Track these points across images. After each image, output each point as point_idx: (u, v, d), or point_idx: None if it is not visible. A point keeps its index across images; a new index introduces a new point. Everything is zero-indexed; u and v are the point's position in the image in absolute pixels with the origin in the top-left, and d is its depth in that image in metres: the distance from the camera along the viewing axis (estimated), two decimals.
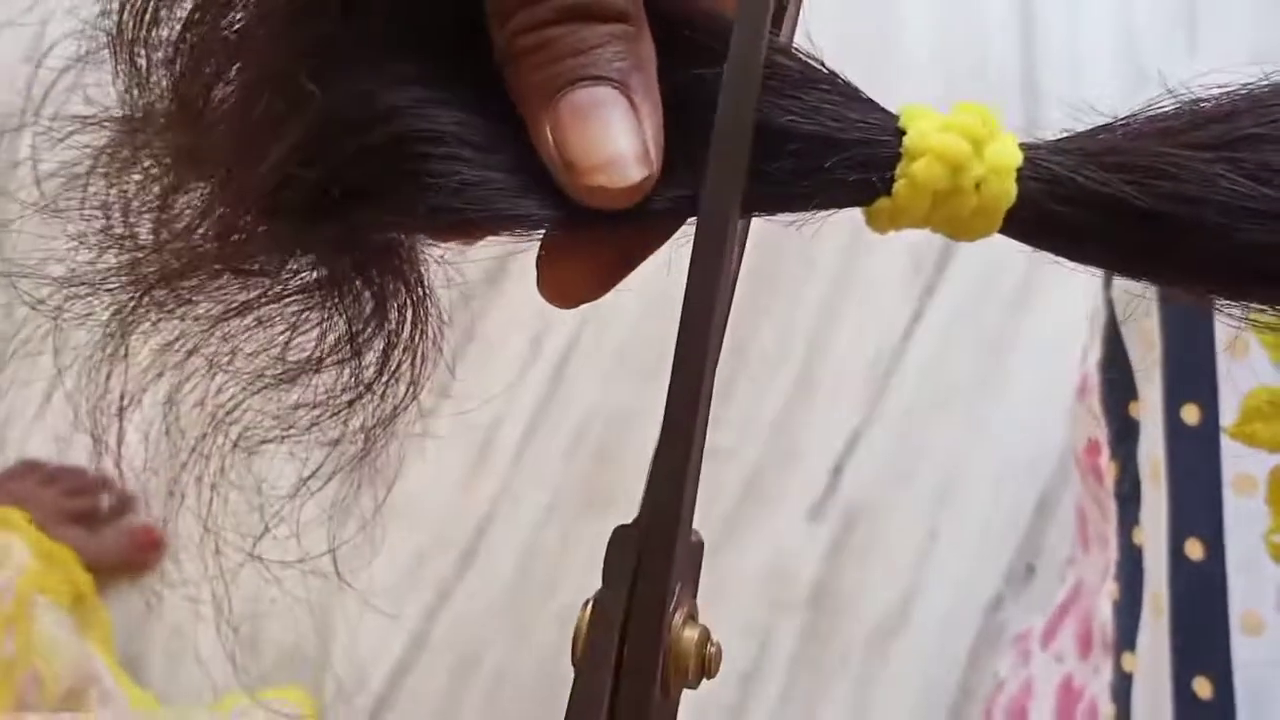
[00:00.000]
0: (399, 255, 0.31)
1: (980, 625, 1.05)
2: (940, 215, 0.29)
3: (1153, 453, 0.60)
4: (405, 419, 0.33)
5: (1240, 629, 0.54)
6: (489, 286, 1.11)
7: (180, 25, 0.29)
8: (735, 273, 0.30)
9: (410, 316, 0.32)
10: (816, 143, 0.28)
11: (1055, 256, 0.29)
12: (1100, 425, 0.67)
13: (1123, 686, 0.61)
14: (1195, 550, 0.56)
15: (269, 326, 0.31)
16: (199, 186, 0.30)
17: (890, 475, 1.09)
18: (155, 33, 0.29)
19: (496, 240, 0.29)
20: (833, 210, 0.29)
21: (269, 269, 0.30)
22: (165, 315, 0.31)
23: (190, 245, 0.30)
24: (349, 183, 0.27)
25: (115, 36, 0.30)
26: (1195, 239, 0.28)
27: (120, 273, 0.31)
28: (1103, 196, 0.28)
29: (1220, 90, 0.29)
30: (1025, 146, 0.29)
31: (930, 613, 1.06)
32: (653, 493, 0.26)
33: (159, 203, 0.30)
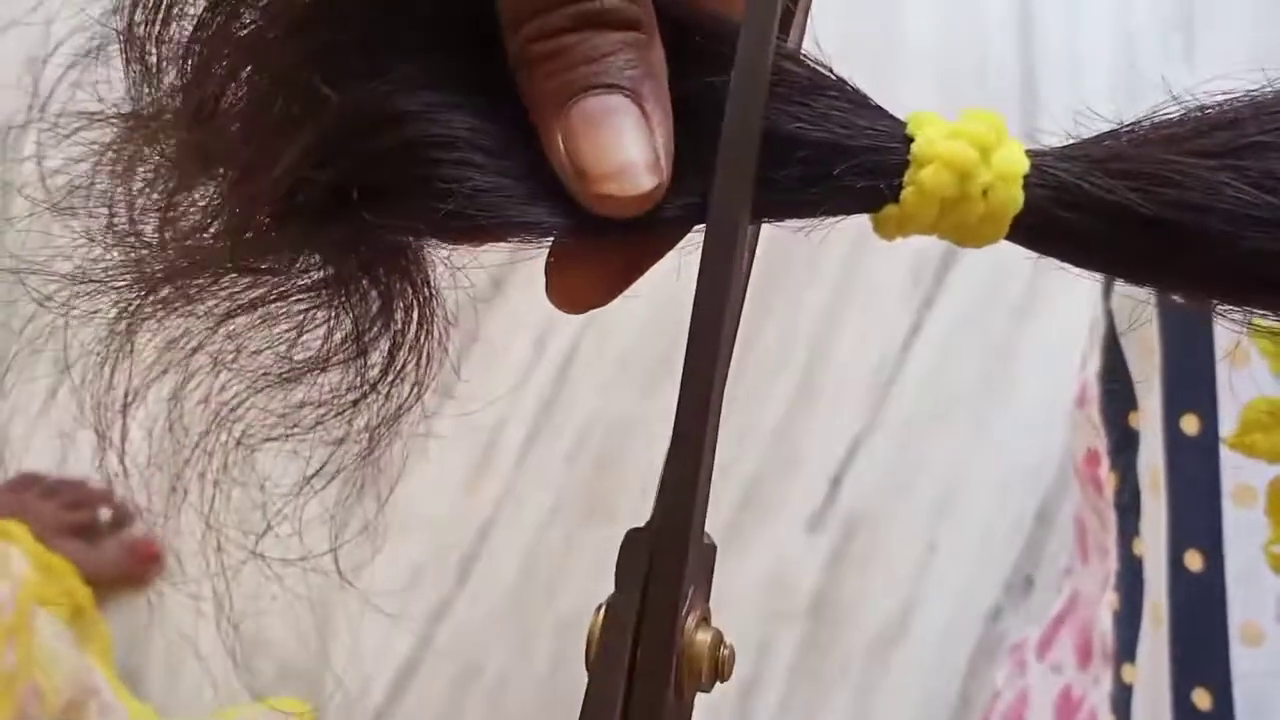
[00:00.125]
0: (406, 255, 0.31)
1: (980, 635, 1.05)
2: (948, 222, 0.29)
3: (1152, 463, 0.60)
4: (409, 419, 0.33)
5: (1240, 640, 0.54)
6: (493, 289, 1.11)
7: (193, 25, 0.29)
8: (745, 279, 0.30)
9: (416, 317, 0.32)
10: (824, 149, 0.28)
11: (1060, 262, 0.30)
12: (1100, 435, 0.67)
13: (1122, 697, 0.61)
14: (1195, 561, 0.56)
15: (274, 324, 0.31)
16: (208, 185, 0.30)
17: (890, 485, 1.09)
18: (167, 31, 0.29)
19: (503, 244, 0.29)
20: (841, 217, 0.29)
21: (276, 268, 0.30)
22: (171, 312, 0.31)
23: (199, 243, 0.30)
24: (361, 186, 0.27)
25: (126, 34, 0.30)
26: (1200, 246, 0.28)
27: (127, 270, 0.31)
28: (1108, 203, 0.28)
29: (1224, 97, 0.29)
30: (1032, 153, 0.29)
31: (930, 623, 1.06)
32: (665, 496, 0.26)
33: (166, 200, 0.30)
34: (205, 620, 0.37)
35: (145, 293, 0.30)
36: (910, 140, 0.28)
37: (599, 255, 0.29)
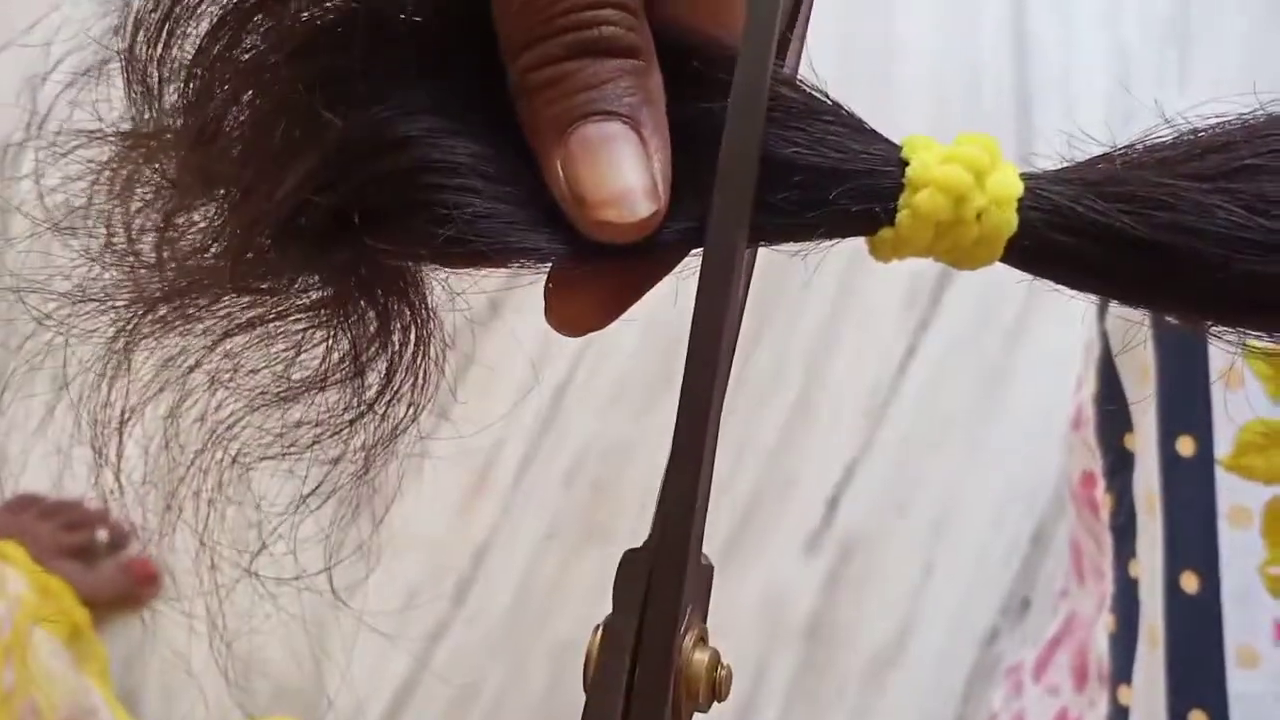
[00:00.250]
0: (405, 277, 0.31)
1: (976, 658, 1.05)
2: (942, 245, 0.29)
3: (1148, 485, 0.60)
4: (406, 440, 0.33)
5: (1236, 662, 0.54)
6: (490, 312, 1.12)
7: (195, 48, 0.29)
8: (742, 302, 0.30)
9: (414, 338, 0.32)
10: (820, 174, 0.28)
11: (1055, 285, 0.30)
12: (1095, 457, 0.67)
13: None
14: (1191, 583, 0.56)
15: (272, 343, 0.31)
16: (208, 205, 0.30)
17: (886, 507, 1.09)
18: (169, 53, 0.29)
19: (503, 270, 0.29)
20: (837, 240, 0.30)
21: (275, 288, 0.30)
22: (169, 331, 0.31)
23: (198, 263, 0.30)
24: (362, 211, 0.27)
25: (127, 54, 0.30)
26: (1193, 269, 0.28)
27: (125, 288, 0.31)
28: (1101, 226, 0.28)
29: (1217, 120, 0.29)
30: (1026, 176, 0.29)
31: (926, 645, 1.06)
32: (662, 517, 0.26)
33: (165, 220, 0.30)
34: (199, 639, 0.37)
35: (143, 311, 0.31)
36: (905, 164, 0.29)
37: (598, 279, 0.30)
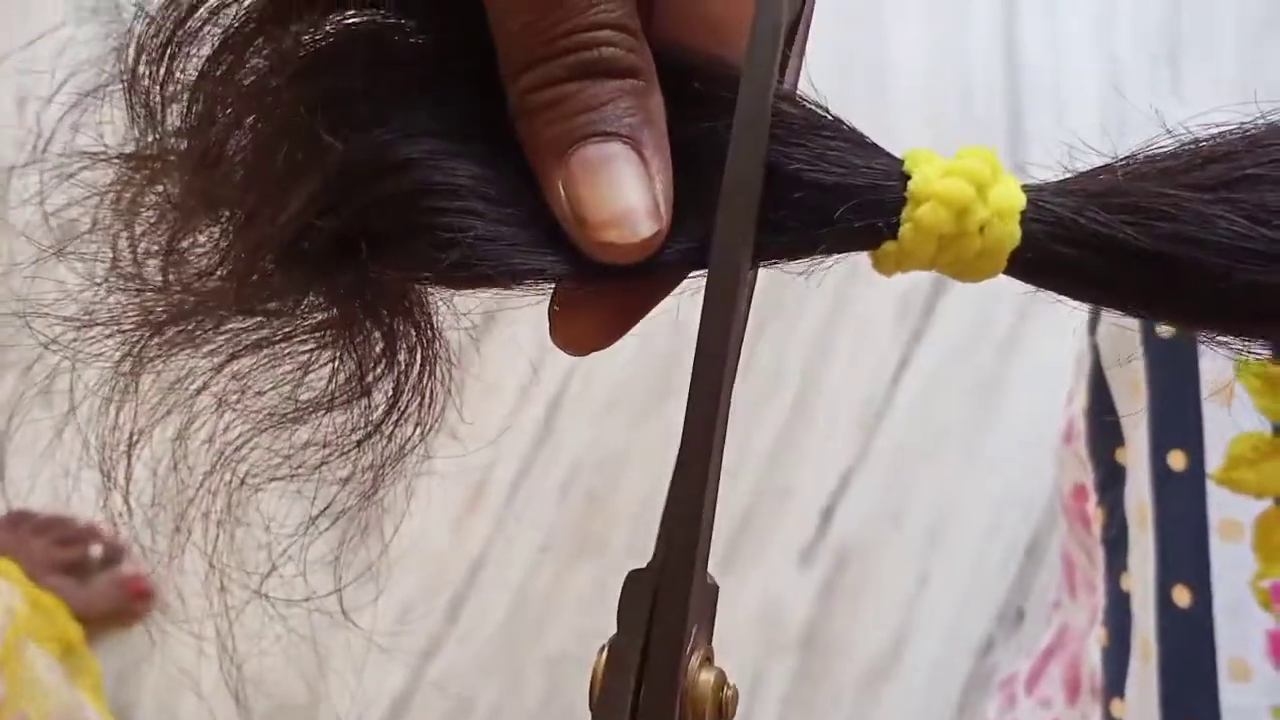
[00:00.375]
0: (410, 297, 0.31)
1: (971, 668, 1.05)
2: (945, 258, 0.29)
3: (1140, 498, 0.60)
4: (412, 459, 0.33)
5: (1228, 675, 0.54)
6: (483, 327, 1.12)
7: (198, 72, 0.29)
8: (744, 323, 0.30)
9: (420, 358, 0.32)
10: (823, 190, 0.28)
11: (1056, 295, 0.30)
12: (1087, 471, 0.67)
13: None
14: (1183, 597, 0.56)
15: (279, 365, 0.31)
16: (212, 228, 0.30)
17: (881, 517, 1.09)
18: (171, 76, 0.29)
19: (505, 290, 0.30)
20: (840, 256, 0.30)
21: (281, 310, 0.30)
22: (175, 353, 0.31)
23: (204, 286, 0.30)
24: (365, 234, 0.27)
25: (130, 77, 0.30)
26: (1195, 279, 0.28)
27: (131, 311, 0.31)
28: (1104, 238, 0.28)
29: (1218, 130, 0.29)
30: (1028, 188, 0.29)
31: (921, 655, 1.06)
32: (667, 536, 0.26)
33: (170, 242, 0.30)
34: (190, 650, 0.37)
35: (150, 334, 0.31)
36: (907, 178, 0.28)
37: (601, 299, 0.30)
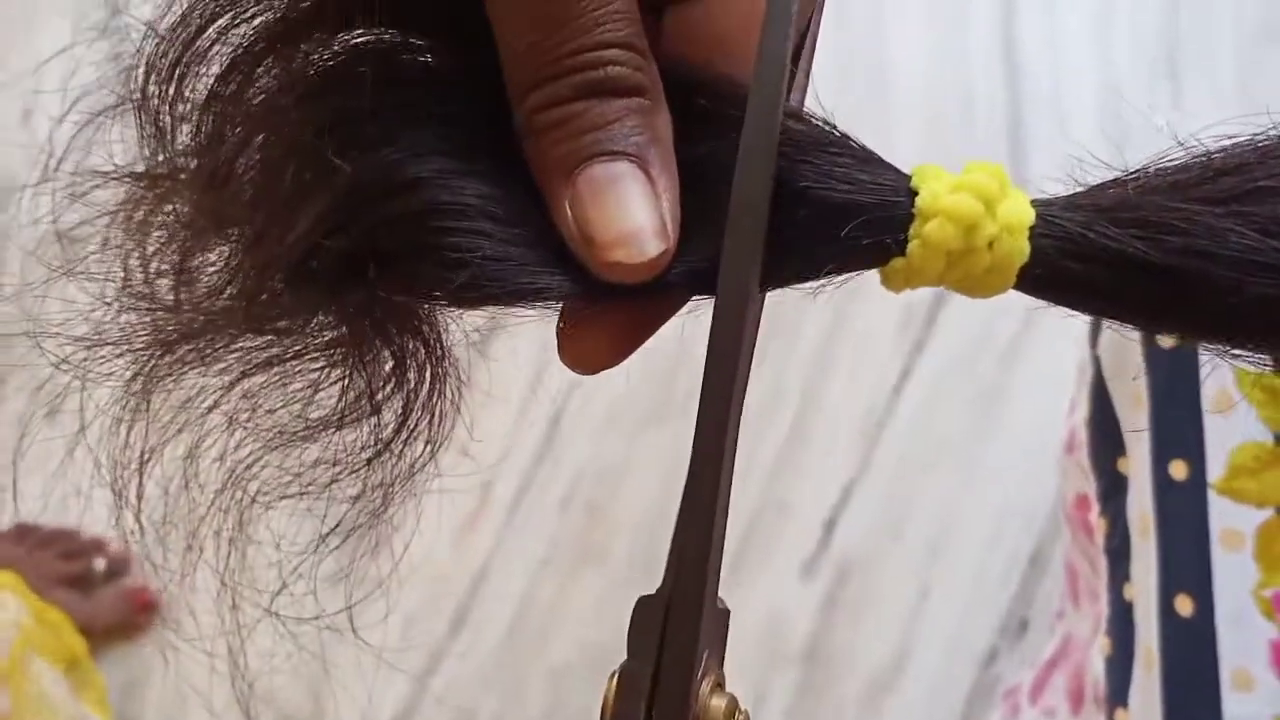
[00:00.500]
0: (419, 316, 0.31)
1: (975, 679, 1.05)
2: (954, 274, 0.29)
3: (1142, 508, 0.60)
4: (422, 476, 0.33)
5: (1231, 685, 0.55)
6: (485, 340, 1.12)
7: (207, 92, 0.29)
8: (752, 348, 0.30)
9: (429, 375, 0.32)
10: (830, 207, 0.28)
11: (1066, 309, 0.30)
12: (1089, 480, 0.67)
13: None
14: (1185, 606, 0.57)
15: (289, 383, 0.31)
16: (222, 246, 0.30)
17: (883, 529, 1.09)
18: (180, 96, 0.29)
19: (514, 310, 0.30)
20: (849, 275, 0.29)
21: (291, 328, 0.30)
22: (186, 371, 0.31)
23: (215, 305, 0.30)
24: (374, 253, 0.27)
25: (140, 98, 0.30)
26: (1206, 294, 0.28)
27: (142, 330, 0.31)
28: (1114, 253, 0.28)
29: (1229, 142, 0.29)
30: (1038, 203, 0.29)
31: (925, 666, 1.06)
32: (677, 561, 0.26)
33: (181, 261, 0.30)
34: (207, 671, 0.37)
35: (161, 353, 0.31)
36: (915, 194, 0.28)
37: (609, 318, 0.30)
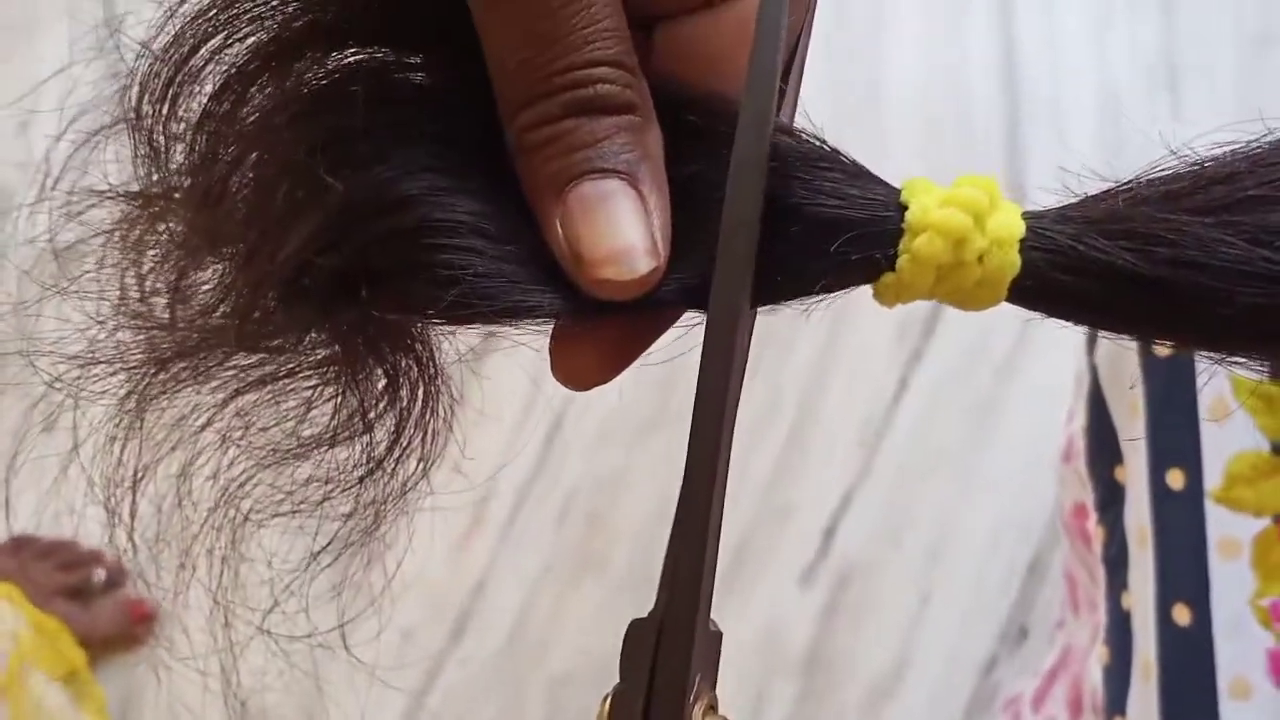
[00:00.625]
0: (411, 334, 0.31)
1: (975, 686, 1.05)
2: (945, 288, 0.29)
3: (1139, 517, 0.60)
4: (414, 494, 0.33)
5: (1229, 694, 0.55)
6: (481, 352, 1.12)
7: (200, 111, 0.29)
8: (743, 366, 0.30)
9: (422, 394, 0.32)
10: (821, 223, 0.28)
11: (1057, 320, 0.30)
12: (1086, 489, 0.67)
13: None
14: (1182, 615, 0.57)
15: (282, 401, 0.31)
16: (216, 265, 0.30)
17: (883, 536, 1.09)
18: (174, 115, 0.30)
19: (505, 327, 0.30)
20: (841, 292, 0.29)
21: (284, 346, 0.30)
22: (180, 389, 0.31)
23: (208, 322, 0.30)
24: (365, 271, 0.27)
25: (134, 117, 0.30)
26: (1197, 304, 0.28)
27: (136, 348, 0.31)
28: (1103, 264, 0.28)
29: (1222, 150, 0.29)
30: (1029, 215, 0.28)
31: (925, 674, 1.06)
32: (669, 584, 0.26)
33: (175, 279, 0.30)
34: (200, 689, 0.37)
35: (154, 370, 0.31)
36: (905, 208, 0.28)
37: (601, 335, 0.30)
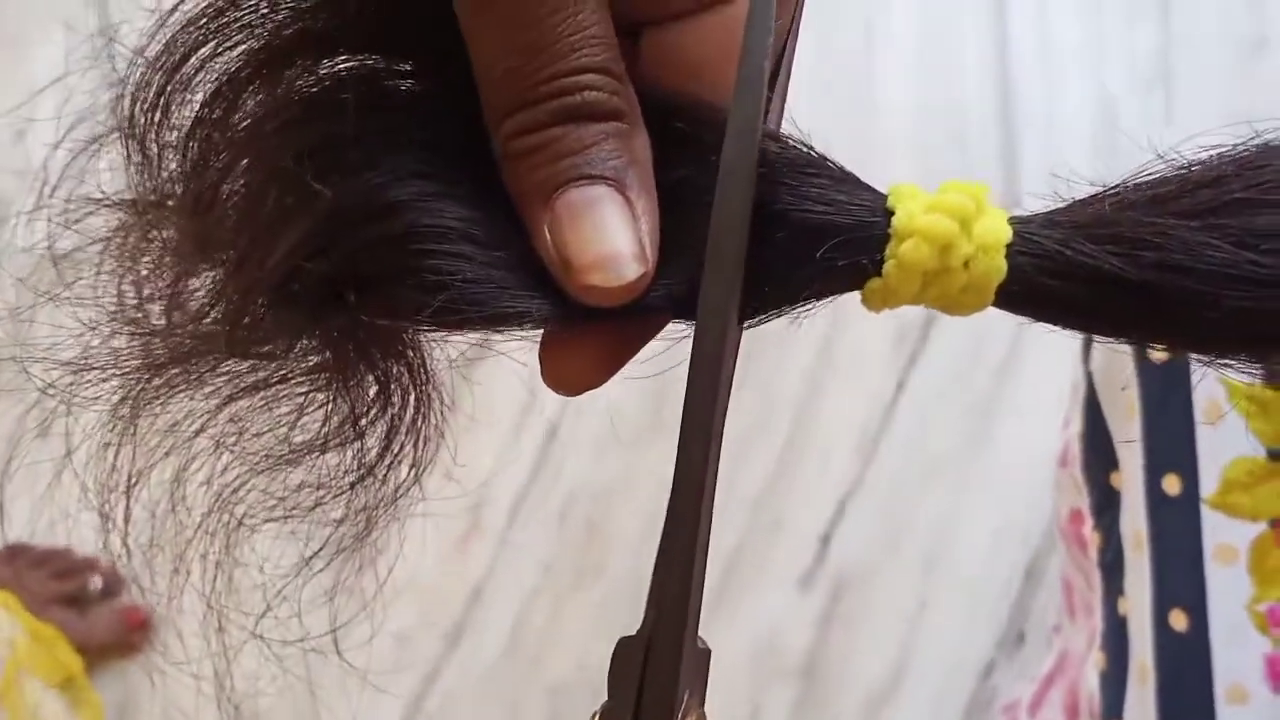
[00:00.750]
0: (403, 340, 0.31)
1: (973, 691, 1.05)
2: (931, 293, 0.29)
3: (1135, 523, 0.60)
4: (406, 500, 0.33)
5: (1226, 699, 0.55)
6: (476, 358, 1.12)
7: (190, 120, 0.29)
8: (731, 375, 0.29)
9: (413, 400, 0.32)
10: (808, 229, 0.28)
11: (1045, 324, 0.30)
12: (1083, 495, 0.67)
13: None
14: (1179, 621, 0.57)
15: (275, 407, 0.31)
16: (208, 271, 0.30)
17: (880, 542, 1.09)
18: (166, 123, 0.30)
19: (494, 333, 0.30)
20: (828, 299, 0.29)
21: (275, 352, 0.30)
22: (173, 395, 0.31)
23: (199, 330, 0.30)
24: (355, 277, 0.27)
25: (127, 125, 0.30)
26: (1183, 308, 0.28)
27: (129, 355, 0.31)
28: (1090, 269, 0.28)
29: (1209, 153, 0.29)
30: (1016, 220, 0.28)
31: (922, 680, 1.06)
32: (657, 601, 0.26)
33: (168, 287, 0.31)
34: (194, 694, 0.37)
35: (147, 377, 0.31)
36: (891, 214, 0.28)
37: (590, 340, 0.30)
